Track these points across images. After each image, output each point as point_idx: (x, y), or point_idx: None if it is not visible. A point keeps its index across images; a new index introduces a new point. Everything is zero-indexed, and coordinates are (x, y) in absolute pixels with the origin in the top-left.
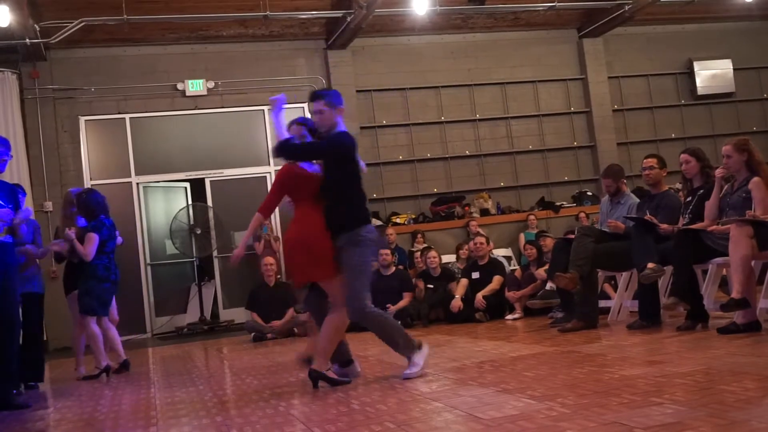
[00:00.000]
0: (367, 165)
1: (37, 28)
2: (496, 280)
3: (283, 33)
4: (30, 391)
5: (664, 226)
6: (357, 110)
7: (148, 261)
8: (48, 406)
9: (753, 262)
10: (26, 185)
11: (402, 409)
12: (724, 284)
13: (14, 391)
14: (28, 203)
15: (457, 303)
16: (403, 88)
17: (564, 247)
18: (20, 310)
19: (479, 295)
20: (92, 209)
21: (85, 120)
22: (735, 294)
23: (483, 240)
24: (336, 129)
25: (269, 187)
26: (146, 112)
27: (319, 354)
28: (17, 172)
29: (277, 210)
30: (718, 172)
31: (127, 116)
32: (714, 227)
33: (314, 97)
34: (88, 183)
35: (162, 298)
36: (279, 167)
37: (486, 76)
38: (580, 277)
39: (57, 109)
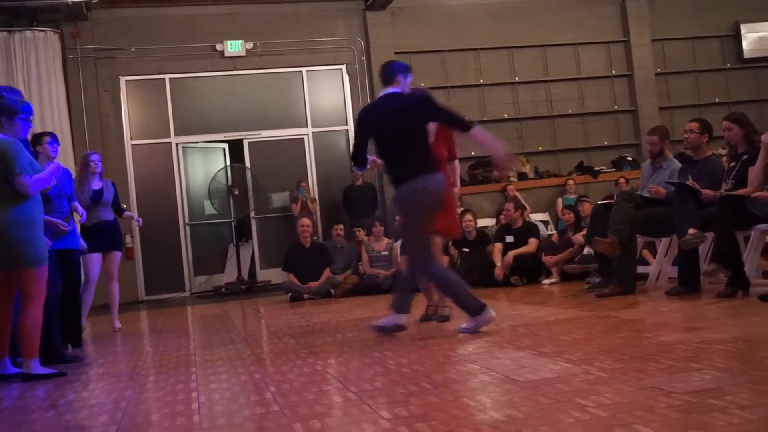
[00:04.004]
0: None
1: None
2: (533, 243)
3: None
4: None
5: (706, 191)
6: None
7: (187, 221)
8: (90, 361)
9: None
10: (68, 145)
11: (438, 370)
12: (766, 251)
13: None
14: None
15: (500, 272)
16: (442, 51)
17: (603, 211)
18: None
19: (510, 253)
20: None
21: (126, 80)
22: None
23: (511, 206)
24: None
25: (306, 149)
26: (186, 72)
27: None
28: (59, 132)
29: (314, 173)
30: (765, 138)
31: (166, 77)
32: (759, 193)
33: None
34: (128, 143)
35: (200, 258)
36: (317, 129)
37: (526, 38)
38: (619, 242)
39: (98, 69)
